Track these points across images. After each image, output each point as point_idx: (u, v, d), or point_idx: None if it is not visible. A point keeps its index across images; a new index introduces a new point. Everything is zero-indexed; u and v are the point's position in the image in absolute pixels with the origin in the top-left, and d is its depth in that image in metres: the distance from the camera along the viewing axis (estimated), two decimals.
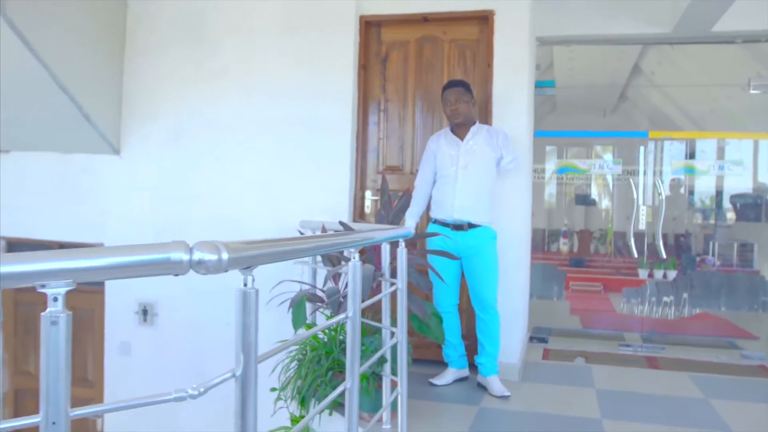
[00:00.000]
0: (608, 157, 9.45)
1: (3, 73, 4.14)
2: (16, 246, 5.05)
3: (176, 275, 1.02)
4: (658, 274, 7.93)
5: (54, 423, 0.91)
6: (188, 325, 4.54)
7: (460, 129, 3.69)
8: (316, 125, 4.29)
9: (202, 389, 1.05)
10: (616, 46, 6.86)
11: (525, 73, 4.00)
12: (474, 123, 3.70)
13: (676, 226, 8.90)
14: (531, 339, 5.20)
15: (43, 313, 0.92)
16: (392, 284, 2.82)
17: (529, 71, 4.05)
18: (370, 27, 4.34)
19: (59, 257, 0.93)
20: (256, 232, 4.28)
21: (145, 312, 4.60)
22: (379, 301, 2.77)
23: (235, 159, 4.47)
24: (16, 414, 4.98)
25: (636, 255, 6.57)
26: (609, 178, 9.66)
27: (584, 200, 10.82)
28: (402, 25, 4.30)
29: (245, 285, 1.20)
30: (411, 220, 3.72)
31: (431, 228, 3.70)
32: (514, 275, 3.98)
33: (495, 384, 3.62)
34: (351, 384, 1.95)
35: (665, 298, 7.58)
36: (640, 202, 5.95)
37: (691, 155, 8.34)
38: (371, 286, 2.91)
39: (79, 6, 4.29)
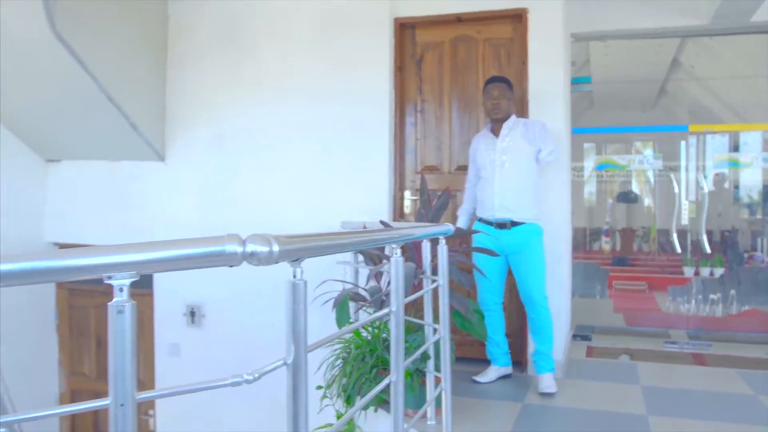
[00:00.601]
0: (648, 152, 9.30)
1: (54, 85, 4.33)
2: None
3: (230, 266, 1.08)
4: (705, 271, 7.78)
5: (122, 405, 0.98)
6: (235, 326, 4.64)
7: (497, 126, 3.68)
8: (354, 127, 4.36)
9: (256, 374, 1.11)
10: (652, 40, 6.78)
11: (560, 69, 4.00)
12: (510, 118, 3.68)
13: (721, 222, 8.70)
14: (574, 337, 5.19)
15: (110, 303, 0.99)
16: (433, 281, 2.86)
17: (564, 68, 4.05)
18: (404, 29, 4.40)
19: (124, 250, 1.01)
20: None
21: (192, 314, 4.72)
22: (422, 300, 2.81)
23: (275, 163, 4.56)
24: (73, 417, 5.16)
25: (679, 252, 6.45)
26: (650, 174, 9.51)
27: (625, 197, 10.66)
28: (436, 26, 4.35)
29: (294, 276, 1.25)
30: (461, 218, 3.79)
31: (477, 227, 3.70)
32: (556, 273, 3.98)
33: (543, 380, 3.63)
34: (396, 377, 1.99)
35: (712, 296, 7.44)
36: (683, 197, 5.85)
37: (735, 148, 8.12)
38: (413, 284, 2.95)
39: (124, 19, 4.45)
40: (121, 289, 0.99)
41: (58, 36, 3.86)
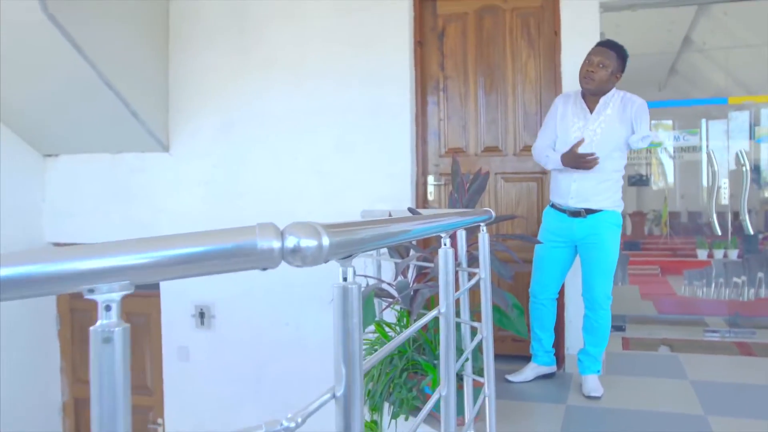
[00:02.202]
0: (668, 130, 8.91)
1: (49, 73, 4.01)
2: None
3: (264, 269, 0.76)
4: (732, 254, 7.43)
5: None
6: (247, 326, 4.34)
7: (592, 99, 3.16)
8: (372, 109, 4.04)
9: (299, 419, 0.79)
10: (666, 15, 6.47)
11: (595, 39, 3.65)
12: (609, 92, 3.16)
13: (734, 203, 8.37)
14: None
15: (92, 328, 0.67)
16: (471, 275, 2.55)
17: (599, 37, 3.71)
18: (424, 1, 4.06)
19: (109, 251, 0.68)
20: None
21: (202, 315, 4.42)
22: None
23: (287, 150, 4.24)
24: (77, 424, 4.87)
25: (720, 233, 6.10)
26: (665, 155, 9.16)
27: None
28: None
29: (345, 279, 0.91)
30: (555, 155, 3.18)
31: (547, 213, 3.32)
32: None
33: (587, 382, 3.29)
34: (447, 391, 1.68)
35: (735, 279, 7.10)
36: (720, 176, 5.50)
37: (756, 123, 7.76)
38: None
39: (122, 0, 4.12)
40: (108, 307, 0.68)
41: (51, 17, 3.54)
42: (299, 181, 4.21)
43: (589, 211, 3.16)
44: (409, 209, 2.93)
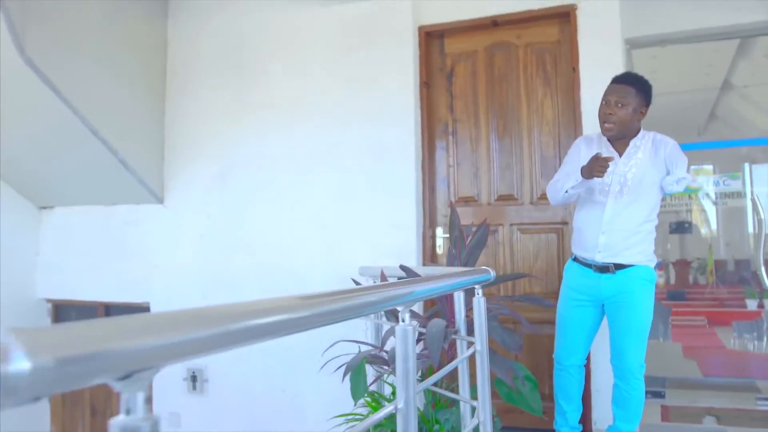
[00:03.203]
0: (708, 175, 8.45)
1: (35, 121, 3.82)
2: (62, 309, 4.66)
3: None
4: None
5: None
6: (242, 392, 3.97)
7: (620, 142, 2.75)
8: (375, 155, 3.72)
9: None
10: (702, 57, 6.10)
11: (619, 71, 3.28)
12: (637, 134, 2.75)
13: None
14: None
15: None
16: (469, 344, 2.15)
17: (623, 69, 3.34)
18: (431, 38, 3.77)
19: None
20: (314, 283, 3.71)
21: (194, 378, 4.07)
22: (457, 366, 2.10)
23: (286, 199, 3.93)
24: None
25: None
26: (708, 201, 8.72)
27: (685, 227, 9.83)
28: (468, 33, 3.70)
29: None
30: (571, 181, 2.70)
31: (569, 267, 2.87)
32: None
33: None
34: None
35: None
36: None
37: None
38: (442, 348, 2.24)
39: (114, 45, 3.93)
40: None
41: (28, 61, 3.33)
42: (298, 233, 3.89)
43: (619, 267, 2.72)
44: (402, 267, 2.55)
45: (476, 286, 2.02)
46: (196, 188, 4.19)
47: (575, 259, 2.86)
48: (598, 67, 3.32)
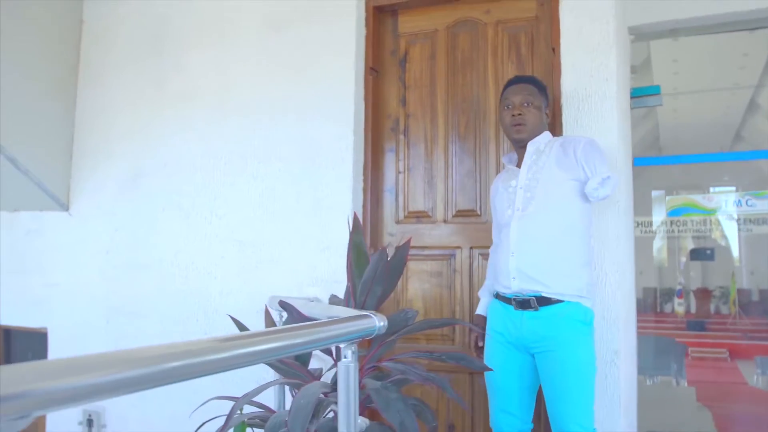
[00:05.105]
0: (731, 195, 7.77)
1: None
2: None
3: None
4: None
5: None
6: None
7: (523, 152, 2.29)
8: (307, 158, 2.99)
9: None
10: (727, 77, 5.47)
11: (612, 57, 2.53)
12: (538, 136, 2.30)
13: None
14: None
15: None
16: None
17: (618, 56, 2.58)
18: (382, 15, 3.05)
19: None
20: (226, 311, 2.97)
21: (90, 423, 3.36)
22: None
23: (202, 211, 3.22)
24: None
25: None
26: (731, 223, 8.17)
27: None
28: (427, 9, 2.97)
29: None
30: (483, 299, 2.40)
31: (491, 306, 2.27)
32: (611, 380, 2.41)
33: None
34: None
35: None
36: None
37: None
38: (308, 422, 1.49)
39: (12, 24, 3.25)
40: None
41: None
42: (214, 252, 3.16)
43: (543, 302, 2.07)
44: (281, 304, 1.82)
45: (342, 345, 1.28)
46: (106, 195, 3.50)
47: (497, 296, 2.23)
48: (585, 50, 2.57)
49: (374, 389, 1.69)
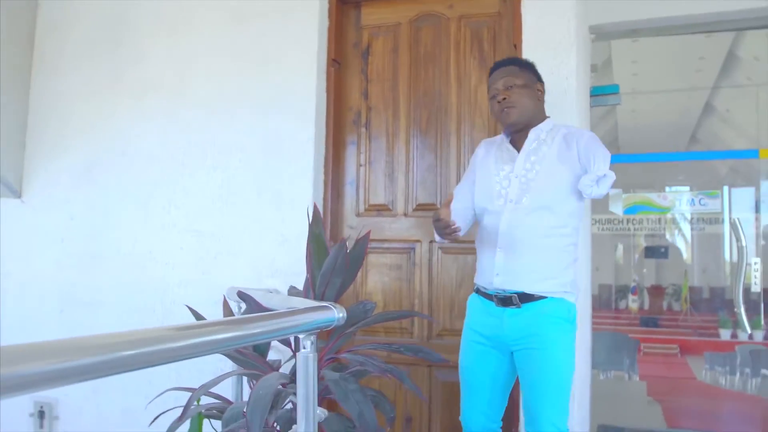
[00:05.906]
0: (685, 194, 7.95)
1: None
2: None
3: None
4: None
5: None
6: (96, 430, 3.19)
7: (519, 136, 2.19)
8: (267, 150, 2.97)
9: None
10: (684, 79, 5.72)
11: (572, 54, 2.58)
12: (541, 123, 2.19)
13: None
14: None
15: None
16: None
17: (579, 54, 2.63)
18: (345, 7, 3.05)
19: None
20: (183, 302, 2.94)
21: (42, 414, 3.29)
22: None
23: (159, 201, 3.17)
24: None
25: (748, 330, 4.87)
26: (685, 222, 8.33)
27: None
28: (390, 2, 2.99)
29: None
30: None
31: (470, 301, 2.21)
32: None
33: None
34: None
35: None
36: (750, 250, 4.29)
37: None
38: (266, 421, 1.49)
39: None
40: None
41: None
42: (172, 242, 3.12)
43: (526, 298, 2.03)
44: (240, 294, 1.81)
45: (302, 336, 1.28)
46: (60, 183, 3.42)
47: (477, 291, 2.17)
48: (546, 47, 2.61)
49: (333, 380, 1.70)
